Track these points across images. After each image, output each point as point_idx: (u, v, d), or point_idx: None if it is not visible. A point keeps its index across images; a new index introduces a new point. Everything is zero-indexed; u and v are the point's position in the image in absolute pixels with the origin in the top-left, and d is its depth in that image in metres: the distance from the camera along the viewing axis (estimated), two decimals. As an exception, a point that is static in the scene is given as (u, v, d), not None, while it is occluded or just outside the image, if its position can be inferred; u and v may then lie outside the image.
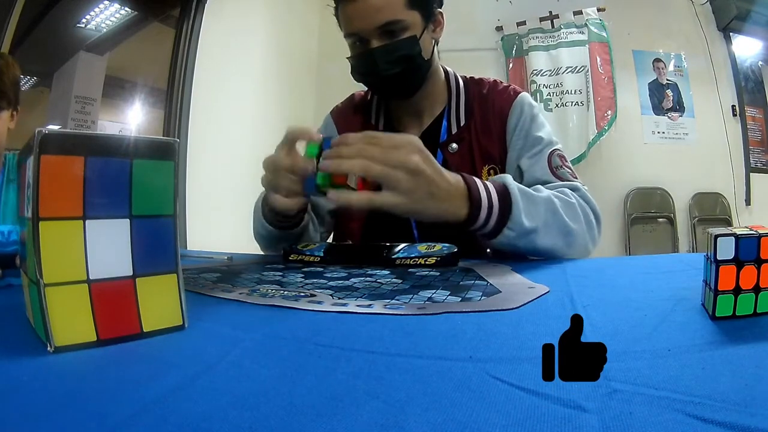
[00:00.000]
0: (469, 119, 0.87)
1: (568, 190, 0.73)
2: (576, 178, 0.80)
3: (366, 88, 0.95)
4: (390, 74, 0.79)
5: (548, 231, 0.64)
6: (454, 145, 0.85)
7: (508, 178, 0.64)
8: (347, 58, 0.84)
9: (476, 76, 0.92)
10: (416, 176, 0.55)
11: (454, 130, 0.87)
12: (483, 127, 0.86)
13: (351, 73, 0.84)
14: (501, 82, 0.91)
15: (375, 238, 0.82)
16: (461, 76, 0.92)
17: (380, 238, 0.77)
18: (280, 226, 0.77)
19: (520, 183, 0.73)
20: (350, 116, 0.95)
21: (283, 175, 0.63)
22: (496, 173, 0.84)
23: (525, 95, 0.88)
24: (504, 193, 0.62)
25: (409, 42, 0.78)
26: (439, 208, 0.58)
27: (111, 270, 0.30)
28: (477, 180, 0.62)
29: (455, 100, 0.88)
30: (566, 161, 0.82)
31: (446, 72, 0.91)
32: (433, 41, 0.85)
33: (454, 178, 0.60)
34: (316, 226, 0.87)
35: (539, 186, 0.71)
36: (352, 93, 1.00)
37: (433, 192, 0.57)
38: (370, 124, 0.92)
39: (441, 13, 0.85)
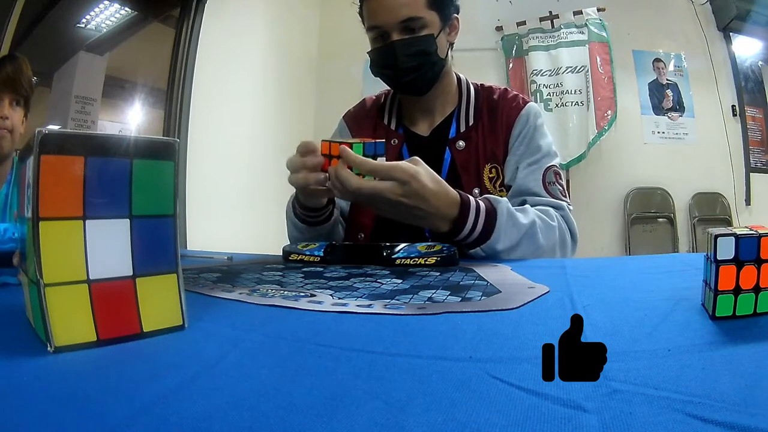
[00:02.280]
0: (477, 120, 0.91)
1: (552, 211, 0.80)
2: (565, 196, 0.86)
3: (377, 93, 1.02)
4: (407, 67, 0.85)
5: (517, 250, 0.71)
6: (461, 143, 0.90)
7: (502, 205, 0.70)
8: (368, 52, 0.90)
9: (486, 84, 0.97)
10: (394, 204, 0.63)
11: (463, 129, 0.91)
12: (490, 130, 0.91)
13: (370, 67, 0.90)
14: (511, 91, 0.95)
15: (386, 233, 0.85)
16: (472, 83, 0.97)
17: (392, 232, 0.81)
18: (312, 222, 0.83)
19: (514, 183, 0.86)
20: (363, 119, 1.00)
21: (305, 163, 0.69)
22: (497, 171, 0.89)
23: (533, 105, 0.93)
24: (491, 220, 0.69)
25: (427, 39, 0.84)
26: (421, 224, 0.67)
27: (111, 270, 0.30)
28: (473, 206, 0.68)
29: (465, 102, 0.93)
30: (560, 178, 0.87)
31: (458, 77, 0.97)
32: (448, 44, 0.90)
33: (446, 202, 0.66)
34: (343, 226, 0.94)
35: (527, 207, 0.77)
36: (364, 98, 1.04)
37: (413, 213, 0.65)
38: (383, 124, 0.97)
39: (457, 18, 0.91)
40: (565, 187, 0.87)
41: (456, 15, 0.90)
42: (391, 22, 0.83)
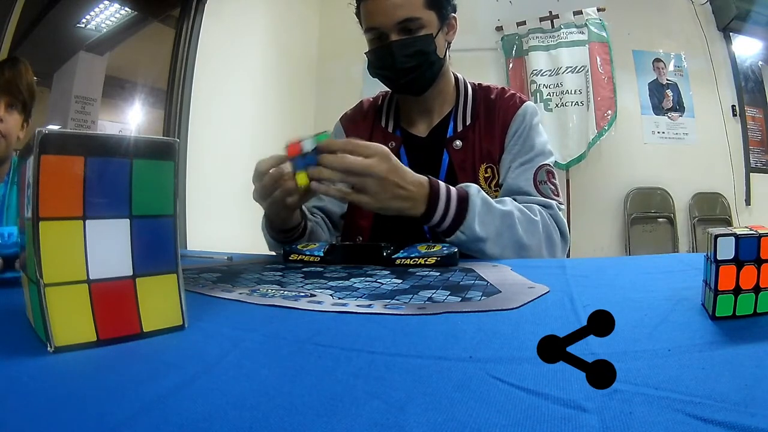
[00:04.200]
0: (475, 120, 0.91)
1: (537, 207, 0.79)
2: (557, 196, 0.85)
3: (373, 96, 1.01)
4: (405, 67, 0.84)
5: (500, 242, 0.71)
6: (458, 143, 0.90)
7: (473, 188, 0.72)
8: (365, 53, 0.89)
9: (484, 83, 0.97)
10: (381, 181, 0.65)
11: (460, 128, 0.91)
12: (486, 129, 0.90)
13: (368, 67, 0.90)
14: (508, 90, 0.95)
15: (384, 235, 0.85)
16: (470, 82, 0.96)
17: (390, 234, 0.80)
18: (284, 241, 0.83)
19: (505, 182, 0.85)
20: (359, 121, 0.99)
21: (270, 180, 0.70)
22: (493, 171, 0.89)
23: (529, 104, 0.92)
24: (464, 200, 0.70)
25: (425, 39, 0.84)
26: (401, 206, 0.68)
27: (111, 270, 0.30)
28: (442, 186, 0.71)
29: (462, 102, 0.93)
30: (553, 177, 0.87)
31: (456, 77, 0.96)
32: (446, 43, 0.90)
33: (418, 181, 0.69)
34: (331, 230, 0.94)
35: (506, 199, 0.77)
36: (361, 100, 1.04)
37: (396, 193, 0.67)
38: (380, 127, 0.96)
39: (455, 17, 0.90)
40: (557, 186, 0.87)
41: (453, 14, 0.89)
42: (388, 24, 0.82)
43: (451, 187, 0.71)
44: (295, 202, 0.71)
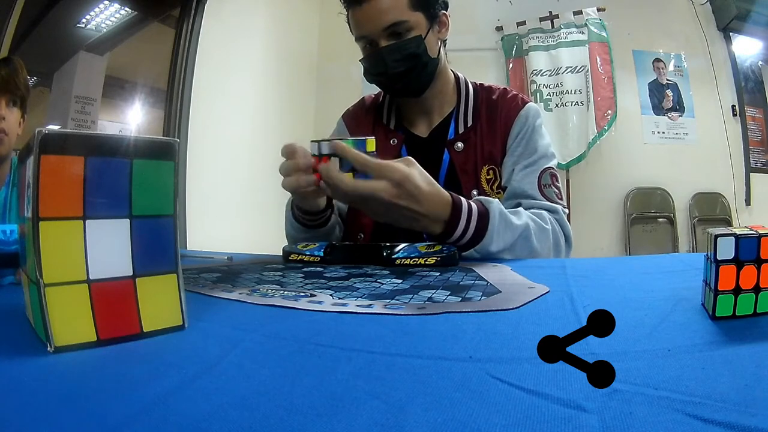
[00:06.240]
0: (476, 121, 0.90)
1: (546, 214, 0.78)
2: (561, 199, 0.85)
3: (376, 92, 1.00)
4: (398, 72, 0.84)
5: (513, 252, 0.70)
6: (460, 144, 0.89)
7: (494, 206, 0.69)
8: (360, 60, 0.89)
9: (486, 84, 0.96)
10: (387, 206, 0.62)
11: (461, 130, 0.90)
12: (488, 130, 0.90)
13: (364, 74, 0.89)
14: (511, 90, 0.94)
15: (386, 233, 0.84)
16: (472, 82, 0.95)
17: (392, 232, 0.79)
18: (309, 225, 0.83)
19: (509, 185, 0.84)
20: (362, 118, 0.99)
21: (298, 171, 0.67)
22: (495, 173, 0.88)
23: (532, 105, 0.91)
24: (484, 221, 0.68)
25: (414, 41, 0.83)
26: (412, 226, 0.66)
27: (111, 270, 0.30)
28: (465, 204, 0.67)
29: (464, 102, 0.92)
30: (556, 181, 0.86)
31: (457, 76, 0.95)
32: (439, 41, 0.89)
33: (438, 202, 0.65)
34: (341, 226, 0.93)
35: (521, 210, 0.76)
36: (363, 96, 1.03)
37: (406, 215, 0.64)
38: (382, 124, 0.96)
39: (446, 14, 0.89)
40: (561, 190, 0.86)
41: (444, 11, 0.88)
42: (376, 30, 0.82)
43: (473, 206, 0.68)
44: (312, 191, 0.68)
